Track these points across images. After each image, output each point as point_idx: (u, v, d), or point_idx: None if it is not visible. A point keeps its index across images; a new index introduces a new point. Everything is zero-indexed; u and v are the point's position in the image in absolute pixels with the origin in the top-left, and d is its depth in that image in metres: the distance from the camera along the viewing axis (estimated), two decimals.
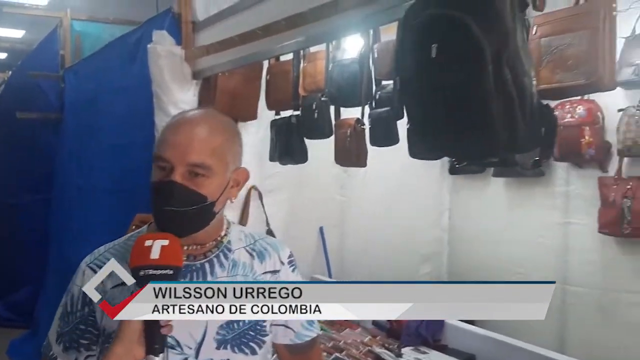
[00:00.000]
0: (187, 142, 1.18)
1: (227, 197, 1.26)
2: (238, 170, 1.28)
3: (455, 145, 1.58)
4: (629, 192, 3.12)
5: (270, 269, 1.33)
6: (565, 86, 1.92)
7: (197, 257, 1.27)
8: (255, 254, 1.33)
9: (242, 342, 1.25)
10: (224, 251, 1.29)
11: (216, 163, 1.20)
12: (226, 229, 1.32)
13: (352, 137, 2.82)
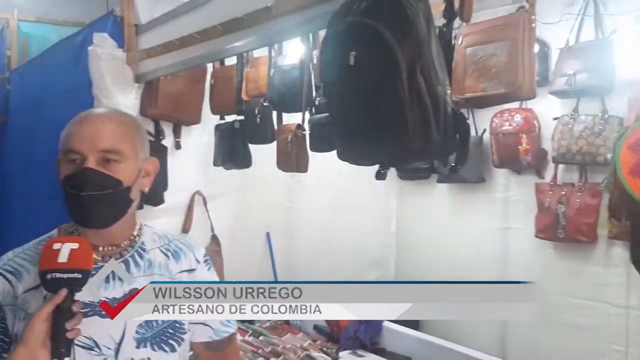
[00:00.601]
0: (95, 131, 1.20)
1: (139, 186, 1.27)
2: (148, 160, 1.30)
3: (374, 151, 1.61)
4: (563, 197, 3.23)
5: (186, 268, 1.34)
6: (488, 95, 1.98)
7: (112, 257, 1.27)
8: (170, 254, 1.34)
9: (161, 340, 1.26)
10: (138, 251, 1.30)
11: (127, 149, 1.22)
12: (139, 229, 1.33)
13: (292, 143, 2.84)
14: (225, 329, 1.39)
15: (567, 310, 3.35)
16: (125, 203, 1.24)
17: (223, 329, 1.39)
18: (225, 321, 1.39)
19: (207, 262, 1.39)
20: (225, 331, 1.39)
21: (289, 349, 2.70)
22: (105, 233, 1.24)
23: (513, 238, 3.63)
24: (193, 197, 3.48)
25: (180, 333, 1.29)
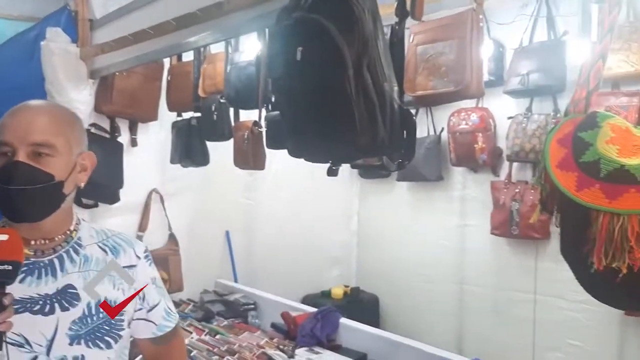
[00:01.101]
0: (28, 123, 1.17)
1: (75, 181, 1.24)
2: (84, 154, 1.27)
3: (322, 147, 1.62)
4: (517, 195, 3.29)
5: (125, 264, 1.31)
6: (438, 93, 2.01)
7: (45, 252, 1.24)
8: (108, 250, 1.31)
9: (96, 336, 1.23)
10: (74, 246, 1.27)
11: (60, 142, 1.19)
12: (76, 224, 1.30)
13: (249, 140, 2.82)
14: (168, 323, 1.38)
15: (521, 305, 3.42)
16: (57, 198, 1.21)
17: (166, 324, 1.38)
18: (166, 315, 1.38)
19: (148, 258, 1.37)
20: (168, 325, 1.38)
21: (245, 347, 2.68)
22: (38, 227, 1.21)
23: (469, 235, 3.69)
24: (150, 195, 3.43)
25: (117, 330, 1.27)
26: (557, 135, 1.07)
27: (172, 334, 1.41)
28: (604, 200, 0.93)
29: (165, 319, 1.38)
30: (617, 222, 0.91)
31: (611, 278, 0.92)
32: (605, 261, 0.91)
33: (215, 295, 3.43)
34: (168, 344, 1.40)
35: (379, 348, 2.63)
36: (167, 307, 1.40)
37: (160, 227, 3.46)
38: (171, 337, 1.40)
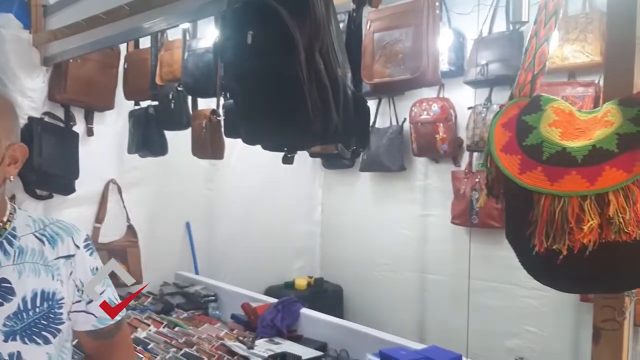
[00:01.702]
0: None
1: (4, 174, 1.18)
2: (14, 146, 1.20)
3: (275, 133, 1.59)
4: (477, 184, 3.33)
5: (63, 254, 1.25)
6: (395, 80, 2.00)
7: None
8: (45, 239, 1.25)
9: (33, 332, 1.18)
10: (7, 238, 1.21)
11: None
12: (9, 215, 1.24)
13: (207, 129, 2.77)
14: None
15: (480, 293, 3.46)
16: None
17: (107, 317, 1.33)
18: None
19: (89, 247, 1.31)
20: (110, 318, 1.33)
21: (204, 339, 2.64)
22: None
23: (431, 224, 3.72)
24: (107, 185, 3.35)
25: (56, 324, 1.22)
26: (502, 120, 1.06)
27: (115, 329, 1.33)
28: (545, 183, 0.93)
29: None
30: (558, 204, 0.91)
31: (552, 260, 0.92)
32: (546, 243, 0.92)
33: (175, 287, 3.38)
34: (110, 338, 1.33)
35: (339, 337, 2.62)
36: (112, 299, 1.34)
37: (118, 219, 3.39)
38: (114, 332, 1.33)
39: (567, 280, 0.98)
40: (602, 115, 0.98)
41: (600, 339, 1.07)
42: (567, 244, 0.90)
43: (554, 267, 0.93)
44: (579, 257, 0.90)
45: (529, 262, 1.01)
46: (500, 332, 3.36)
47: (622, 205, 0.87)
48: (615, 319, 1.03)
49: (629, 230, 0.86)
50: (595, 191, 0.89)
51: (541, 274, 1.01)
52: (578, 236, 0.88)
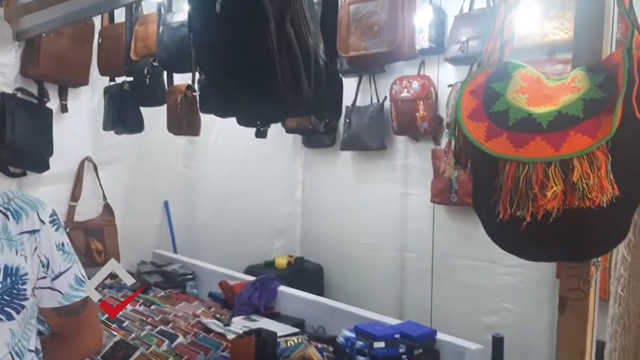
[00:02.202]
0: None
1: None
2: None
3: (246, 104, 1.56)
4: None
5: (28, 229, 1.21)
6: (371, 53, 1.97)
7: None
8: (9, 214, 1.21)
9: None
10: None
11: None
12: None
13: (182, 104, 2.73)
14: (76, 293, 1.29)
15: (459, 271, 3.49)
16: None
17: (73, 293, 1.28)
18: (75, 284, 1.28)
19: (55, 223, 1.27)
20: (76, 295, 1.29)
21: (180, 317, 2.62)
22: None
23: (411, 203, 3.72)
24: (82, 163, 3.29)
25: (20, 299, 1.18)
26: (470, 87, 1.04)
27: (82, 306, 1.29)
28: (510, 149, 0.92)
29: (74, 288, 1.28)
30: (522, 171, 0.89)
31: (516, 227, 0.91)
32: (510, 210, 0.90)
33: (153, 266, 3.35)
34: (77, 316, 1.29)
35: (316, 313, 2.62)
36: (78, 276, 1.31)
37: (94, 197, 3.34)
38: (80, 309, 1.29)
39: (531, 247, 0.97)
40: (569, 82, 0.97)
41: (566, 308, 1.06)
42: (531, 210, 0.88)
43: (518, 234, 0.92)
44: (543, 224, 0.89)
45: (494, 230, 0.99)
46: (478, 309, 3.39)
47: (586, 171, 0.85)
48: (580, 288, 1.02)
49: (592, 197, 0.85)
50: (559, 157, 0.88)
51: (506, 241, 1.00)
52: (541, 202, 0.87)
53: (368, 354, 2.06)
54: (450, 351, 2.07)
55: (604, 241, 0.93)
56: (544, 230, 0.90)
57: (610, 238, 0.93)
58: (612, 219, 0.90)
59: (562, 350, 1.07)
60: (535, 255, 1.01)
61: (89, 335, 1.37)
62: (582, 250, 0.94)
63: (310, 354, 2.00)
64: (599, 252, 0.96)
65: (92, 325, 1.38)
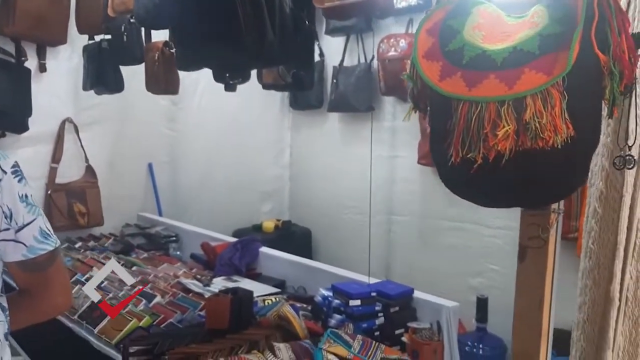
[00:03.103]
0: None
1: None
2: None
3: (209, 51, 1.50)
4: None
5: None
6: (346, 4, 1.89)
7: None
8: None
9: None
10: None
11: None
12: None
13: (160, 62, 2.65)
14: (42, 246, 1.25)
15: (446, 233, 3.47)
16: None
17: (39, 246, 1.24)
18: (40, 237, 1.25)
19: (17, 174, 1.23)
20: (42, 248, 1.25)
21: (160, 278, 2.61)
22: None
23: (399, 165, 3.68)
24: (63, 124, 3.24)
25: None
26: (427, 25, 0.99)
27: (49, 260, 1.26)
28: (464, 89, 0.87)
29: (39, 241, 1.25)
30: (475, 111, 0.85)
31: (467, 170, 0.87)
32: (462, 152, 0.86)
33: (137, 228, 3.33)
34: (43, 271, 1.26)
35: (297, 274, 2.61)
36: (43, 229, 1.27)
37: (76, 159, 3.30)
38: (47, 264, 1.26)
39: (484, 192, 0.93)
40: (530, 17, 0.91)
41: (525, 257, 1.03)
42: (482, 152, 0.84)
43: (470, 177, 0.87)
44: (495, 167, 0.85)
45: (447, 174, 0.95)
46: (464, 271, 3.38)
47: (539, 109, 0.81)
48: (540, 236, 0.99)
49: (545, 136, 0.81)
50: (513, 95, 0.83)
51: (459, 186, 0.96)
52: (492, 143, 0.83)
53: (344, 311, 2.06)
54: (426, 308, 2.06)
55: (559, 186, 0.89)
56: (496, 174, 0.86)
57: (566, 183, 0.89)
58: (568, 163, 0.85)
59: (520, 300, 1.04)
60: (488, 201, 0.97)
61: (57, 293, 1.33)
62: (537, 195, 0.90)
63: (285, 312, 1.98)
64: (554, 198, 0.92)
65: (60, 281, 1.33)
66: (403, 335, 1.99)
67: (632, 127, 0.93)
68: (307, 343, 1.89)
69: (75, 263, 2.75)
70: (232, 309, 2.01)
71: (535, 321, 1.00)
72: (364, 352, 1.83)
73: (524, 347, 1.02)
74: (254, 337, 1.92)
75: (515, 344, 1.05)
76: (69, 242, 3.16)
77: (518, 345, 1.04)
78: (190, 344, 1.90)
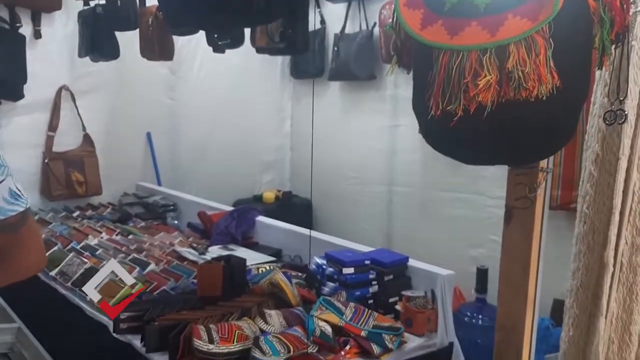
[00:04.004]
0: None
1: None
2: None
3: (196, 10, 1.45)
4: None
5: None
6: None
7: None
8: None
9: None
10: None
11: None
12: None
13: (154, 27, 2.60)
14: (12, 207, 1.22)
15: (446, 203, 3.42)
16: None
17: (8, 207, 1.21)
18: (10, 198, 1.21)
19: None
20: (12, 210, 1.22)
21: (156, 246, 2.60)
22: None
23: (400, 135, 3.62)
24: (59, 92, 3.20)
25: None
26: None
27: (20, 221, 1.23)
28: (445, 37, 0.82)
29: (9, 202, 1.21)
30: (456, 60, 0.80)
31: (448, 124, 0.82)
32: (442, 105, 0.81)
33: (135, 197, 3.31)
34: (14, 233, 1.22)
35: (294, 243, 2.58)
36: (13, 189, 1.24)
37: (73, 127, 3.27)
38: (18, 225, 1.22)
39: (465, 147, 0.88)
40: None
41: (511, 218, 0.99)
42: (463, 104, 0.79)
43: (450, 132, 0.83)
44: (476, 120, 0.80)
45: (428, 128, 0.91)
46: (465, 242, 3.34)
47: (522, 57, 0.76)
48: (527, 196, 0.94)
49: (528, 86, 0.76)
50: (495, 43, 0.78)
51: (439, 141, 0.92)
52: (473, 93, 0.78)
53: (337, 279, 2.03)
54: (421, 277, 2.03)
55: (545, 142, 0.84)
56: (477, 128, 0.81)
57: (552, 139, 0.84)
58: (553, 116, 0.80)
59: (506, 264, 1.00)
60: (471, 157, 0.93)
61: (30, 254, 1.30)
62: (521, 151, 0.85)
63: (277, 279, 1.96)
64: (539, 155, 0.87)
65: (32, 242, 1.30)
66: (397, 304, 1.96)
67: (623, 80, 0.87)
68: (299, 310, 1.87)
69: (72, 231, 2.74)
70: (225, 277, 2.00)
71: (522, 286, 0.97)
72: (356, 319, 1.80)
73: (510, 313, 0.99)
74: (246, 304, 1.91)
75: (501, 309, 1.01)
76: (66, 211, 3.15)
77: (503, 311, 1.01)
78: (182, 310, 1.89)
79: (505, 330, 1.00)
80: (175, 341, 1.67)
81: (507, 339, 1.00)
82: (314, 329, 1.70)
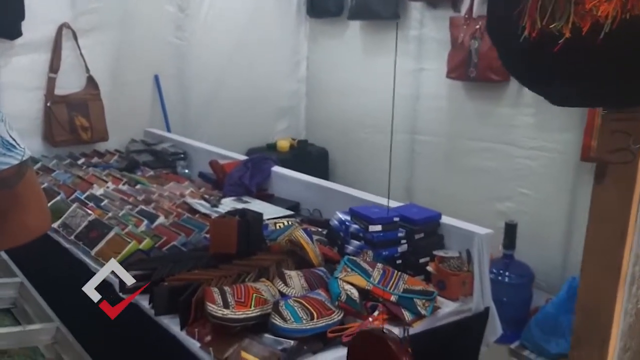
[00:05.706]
0: None
1: None
2: None
3: None
4: (477, 32, 2.93)
5: None
6: None
7: None
8: None
9: None
10: None
11: None
12: None
13: None
14: (5, 160, 1.04)
15: (474, 154, 3.21)
16: None
17: (3, 160, 1.04)
18: (2, 149, 1.04)
19: None
20: (5, 162, 1.04)
21: (165, 197, 2.43)
22: None
23: (425, 80, 3.38)
24: (60, 30, 2.97)
25: None
26: None
27: (16, 176, 1.06)
28: None
29: (2, 154, 1.05)
30: None
31: (547, 48, 0.61)
32: (541, 23, 0.60)
33: (143, 144, 3.12)
34: (10, 188, 1.06)
35: (313, 196, 2.40)
36: (5, 138, 1.05)
37: (76, 69, 3.05)
38: (15, 180, 1.06)
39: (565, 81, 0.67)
40: None
41: (605, 176, 0.78)
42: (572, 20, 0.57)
43: (550, 59, 0.61)
44: (587, 44, 0.59)
45: (513, 54, 0.69)
46: (492, 195, 3.15)
47: None
48: (629, 149, 0.73)
49: None
50: None
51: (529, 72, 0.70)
52: (589, 5, 0.56)
53: (363, 237, 1.85)
54: (455, 236, 1.84)
55: None
56: (589, 53, 0.59)
57: None
58: None
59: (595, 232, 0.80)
60: (567, 95, 0.71)
61: (29, 213, 1.12)
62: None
63: (297, 236, 1.78)
64: None
65: (31, 200, 1.12)
66: (428, 265, 1.78)
67: None
68: (322, 271, 1.70)
69: (75, 180, 2.57)
70: (240, 232, 1.82)
71: (614, 258, 0.77)
72: (385, 282, 1.63)
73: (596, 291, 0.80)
74: (264, 263, 1.74)
75: (583, 285, 0.82)
76: (71, 158, 2.97)
77: (587, 288, 0.81)
78: (193, 269, 1.73)
79: (588, 312, 0.81)
80: (187, 305, 1.52)
81: (589, 324, 0.81)
82: (339, 294, 1.53)
